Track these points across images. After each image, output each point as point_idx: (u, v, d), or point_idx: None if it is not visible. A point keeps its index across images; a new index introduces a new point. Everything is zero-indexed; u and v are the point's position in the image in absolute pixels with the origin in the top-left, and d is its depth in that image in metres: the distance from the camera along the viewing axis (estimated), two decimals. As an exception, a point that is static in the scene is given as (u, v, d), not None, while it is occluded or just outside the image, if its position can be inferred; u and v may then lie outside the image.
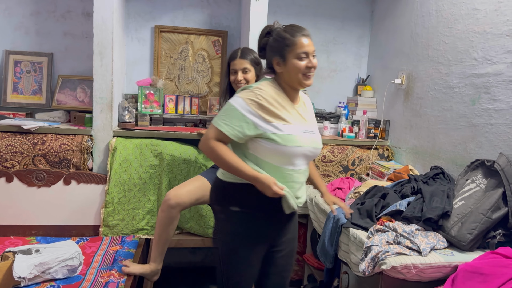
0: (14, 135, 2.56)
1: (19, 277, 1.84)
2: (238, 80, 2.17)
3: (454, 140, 2.36)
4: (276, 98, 1.60)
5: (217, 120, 1.58)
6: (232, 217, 1.66)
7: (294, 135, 1.59)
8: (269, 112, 1.57)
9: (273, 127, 1.57)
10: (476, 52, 2.22)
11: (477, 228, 1.72)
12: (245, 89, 1.61)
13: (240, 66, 2.17)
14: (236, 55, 2.19)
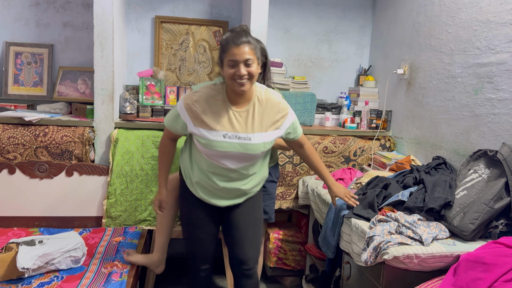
0: (15, 127, 2.56)
1: (23, 268, 1.85)
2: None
3: (457, 130, 2.36)
4: (209, 103, 1.76)
5: (166, 117, 1.87)
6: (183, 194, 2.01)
7: (216, 140, 1.77)
8: (197, 117, 1.77)
9: (197, 131, 1.78)
10: (479, 41, 2.21)
11: (479, 218, 1.73)
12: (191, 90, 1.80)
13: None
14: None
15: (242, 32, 1.71)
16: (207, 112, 1.76)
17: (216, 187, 1.86)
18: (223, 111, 1.77)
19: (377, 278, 1.73)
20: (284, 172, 2.86)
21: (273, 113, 1.83)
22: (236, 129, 1.78)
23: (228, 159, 1.80)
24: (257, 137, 1.80)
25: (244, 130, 1.78)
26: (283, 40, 3.35)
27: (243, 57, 1.67)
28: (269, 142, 1.84)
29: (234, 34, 1.70)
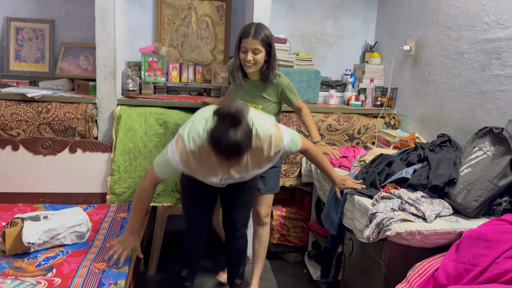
0: (18, 103, 2.55)
1: (29, 242, 1.87)
2: (248, 60, 2.16)
3: (462, 108, 2.33)
4: (204, 161, 1.76)
5: (155, 163, 1.84)
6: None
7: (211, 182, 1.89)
8: (193, 170, 1.81)
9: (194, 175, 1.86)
10: (488, 16, 2.15)
11: (483, 195, 1.72)
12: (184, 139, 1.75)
13: (251, 46, 2.14)
14: (248, 34, 2.13)
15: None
16: (203, 167, 1.80)
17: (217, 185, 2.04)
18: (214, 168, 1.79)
19: (379, 254, 1.74)
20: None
21: (268, 155, 1.82)
22: (232, 174, 1.86)
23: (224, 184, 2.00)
24: (253, 173, 1.91)
25: (239, 173, 1.87)
26: (287, 16, 3.29)
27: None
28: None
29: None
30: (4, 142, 2.54)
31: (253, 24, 2.18)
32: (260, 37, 2.13)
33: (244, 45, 2.14)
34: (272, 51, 2.20)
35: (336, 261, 2.26)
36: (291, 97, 2.36)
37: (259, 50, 2.14)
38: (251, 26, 2.16)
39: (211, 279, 2.65)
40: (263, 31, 2.15)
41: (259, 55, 2.16)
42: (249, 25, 2.19)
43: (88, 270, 1.82)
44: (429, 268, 1.56)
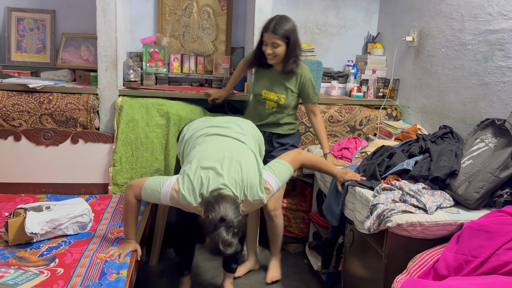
0: (20, 94, 2.55)
1: (31, 232, 1.89)
2: (267, 53, 2.28)
3: (465, 99, 2.32)
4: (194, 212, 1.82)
5: (147, 185, 1.84)
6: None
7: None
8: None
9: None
10: (491, 7, 2.14)
11: (484, 187, 1.72)
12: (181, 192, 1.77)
13: (270, 40, 2.25)
14: (268, 28, 2.24)
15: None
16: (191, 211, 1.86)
17: None
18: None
19: (379, 246, 1.74)
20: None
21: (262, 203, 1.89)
22: None
23: None
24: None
25: None
26: (289, 6, 3.26)
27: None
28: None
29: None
30: (6, 132, 2.54)
31: (275, 18, 2.26)
32: (279, 32, 2.21)
33: (265, 38, 2.27)
34: (290, 44, 2.26)
35: (337, 252, 2.27)
36: (310, 91, 2.41)
37: (277, 44, 2.24)
38: (272, 21, 2.25)
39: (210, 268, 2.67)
40: (283, 26, 2.22)
41: (278, 48, 2.26)
42: (271, 18, 2.27)
43: (91, 260, 1.84)
44: (430, 259, 1.56)
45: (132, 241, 1.97)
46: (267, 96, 2.42)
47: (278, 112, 2.43)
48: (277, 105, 2.41)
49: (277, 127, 2.47)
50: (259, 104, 2.47)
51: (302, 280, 2.63)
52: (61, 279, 1.68)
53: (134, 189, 1.88)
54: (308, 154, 2.11)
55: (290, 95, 2.40)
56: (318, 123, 2.49)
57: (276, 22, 2.23)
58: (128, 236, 1.98)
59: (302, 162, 2.06)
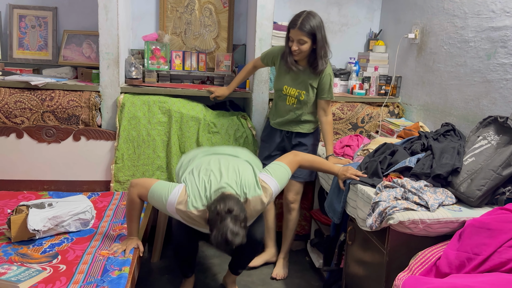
0: (22, 91, 2.56)
1: (34, 229, 1.89)
2: (294, 49, 2.26)
3: (467, 96, 2.31)
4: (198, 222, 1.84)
5: (154, 189, 1.85)
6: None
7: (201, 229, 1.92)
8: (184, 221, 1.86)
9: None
10: (494, 3, 2.13)
11: (486, 184, 1.72)
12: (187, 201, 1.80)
13: (296, 37, 2.23)
14: (295, 25, 2.21)
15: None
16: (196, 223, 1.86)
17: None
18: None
19: (381, 243, 1.74)
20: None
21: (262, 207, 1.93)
22: None
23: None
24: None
25: None
26: (291, 3, 3.25)
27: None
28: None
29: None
30: (9, 130, 2.55)
31: (301, 14, 2.22)
32: (305, 29, 2.19)
33: (291, 35, 2.24)
34: (318, 41, 2.24)
35: (338, 249, 2.27)
36: (326, 88, 2.38)
37: (304, 40, 2.22)
38: (299, 17, 2.21)
39: (212, 265, 2.68)
40: (309, 22, 2.20)
41: (305, 45, 2.23)
42: (298, 14, 2.23)
43: (93, 257, 1.84)
44: (432, 256, 1.56)
45: (134, 237, 1.98)
46: (288, 92, 2.42)
47: (298, 108, 2.43)
48: (297, 101, 2.41)
49: (297, 125, 2.48)
50: (280, 100, 2.48)
51: (303, 278, 2.63)
52: (63, 276, 1.68)
53: (139, 189, 1.90)
54: (305, 155, 2.14)
55: (311, 91, 2.39)
56: (327, 123, 2.45)
57: (303, 18, 2.20)
58: (132, 233, 1.99)
59: (299, 163, 2.08)
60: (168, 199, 1.81)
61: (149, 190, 1.86)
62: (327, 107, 2.44)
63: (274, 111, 2.55)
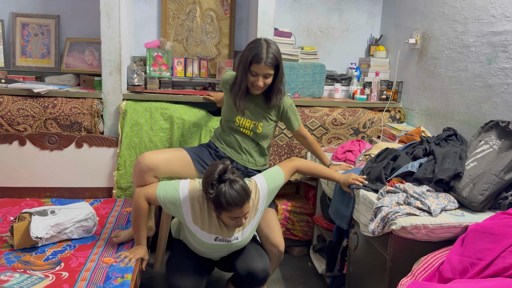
0: (25, 99, 2.57)
1: (37, 237, 1.89)
2: (259, 85, 2.02)
3: (468, 101, 2.31)
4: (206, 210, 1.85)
5: (162, 183, 1.87)
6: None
7: (206, 242, 1.89)
8: (195, 214, 1.84)
9: (192, 227, 1.87)
10: (494, 8, 2.13)
11: (488, 189, 1.71)
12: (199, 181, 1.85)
13: (263, 71, 1.99)
14: (261, 59, 1.96)
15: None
16: (203, 215, 1.86)
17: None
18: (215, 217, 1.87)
19: (384, 248, 1.74)
20: (292, 144, 2.85)
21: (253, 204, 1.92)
22: (226, 234, 1.90)
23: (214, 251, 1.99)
24: (246, 232, 1.95)
25: (233, 233, 1.91)
26: (292, 9, 3.27)
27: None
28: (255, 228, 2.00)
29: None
30: (11, 137, 2.56)
31: (263, 45, 1.97)
32: (273, 61, 1.98)
33: (255, 69, 1.98)
34: (279, 73, 2.05)
35: (341, 255, 2.27)
36: (292, 119, 2.22)
37: (270, 74, 2.01)
38: (262, 49, 1.96)
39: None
40: (275, 52, 1.98)
41: (269, 78, 2.03)
42: (259, 47, 1.97)
43: (96, 264, 1.84)
44: (434, 261, 1.56)
45: (143, 247, 1.99)
46: (241, 123, 2.15)
47: (256, 142, 2.20)
48: (253, 133, 2.17)
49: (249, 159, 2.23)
50: (234, 132, 2.19)
51: (306, 283, 2.62)
52: (66, 283, 1.68)
53: (146, 190, 1.90)
54: (304, 160, 2.12)
55: (269, 123, 2.18)
56: (310, 144, 2.35)
57: (268, 50, 1.96)
58: (140, 241, 1.99)
59: (296, 167, 2.07)
60: (180, 185, 1.84)
61: (157, 187, 1.87)
62: (301, 131, 2.31)
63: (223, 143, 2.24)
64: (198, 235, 1.89)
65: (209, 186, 1.71)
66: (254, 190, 1.91)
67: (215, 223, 1.87)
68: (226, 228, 1.89)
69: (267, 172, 2.03)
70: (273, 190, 2.00)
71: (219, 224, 1.88)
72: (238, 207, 1.72)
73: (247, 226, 1.94)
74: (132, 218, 1.97)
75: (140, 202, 1.90)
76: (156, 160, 1.98)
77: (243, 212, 1.76)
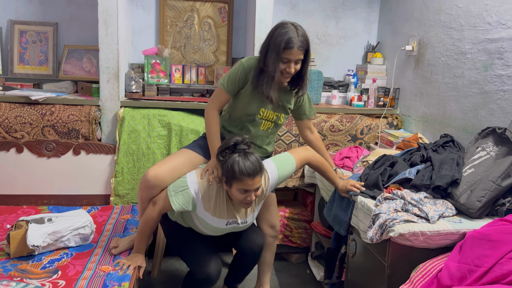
0: (22, 106, 2.57)
1: (33, 245, 1.88)
2: (291, 72, 1.88)
3: (465, 108, 2.33)
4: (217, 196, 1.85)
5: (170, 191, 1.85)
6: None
7: (215, 226, 1.91)
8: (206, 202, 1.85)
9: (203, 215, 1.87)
10: (490, 16, 2.15)
11: (486, 195, 1.72)
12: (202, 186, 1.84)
13: (296, 57, 1.85)
14: (293, 45, 1.81)
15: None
16: (216, 203, 1.86)
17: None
18: (226, 203, 1.88)
19: (382, 255, 1.74)
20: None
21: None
22: (237, 217, 1.92)
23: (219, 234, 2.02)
24: (254, 215, 1.99)
25: (243, 217, 1.94)
26: (289, 16, 3.29)
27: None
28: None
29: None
30: (9, 144, 2.55)
31: (291, 29, 1.82)
32: (304, 45, 1.84)
33: (287, 56, 1.83)
34: (308, 55, 1.91)
35: (339, 262, 2.26)
36: (307, 107, 2.17)
37: (300, 59, 1.88)
38: (294, 33, 1.81)
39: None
40: (304, 35, 1.84)
41: (299, 64, 1.89)
42: (289, 31, 1.81)
43: (93, 272, 1.83)
44: (433, 268, 1.56)
45: (142, 255, 1.99)
46: (265, 115, 2.03)
47: (272, 133, 2.14)
48: (274, 125, 2.09)
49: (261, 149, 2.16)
50: (252, 125, 2.05)
51: (304, 291, 2.62)
52: (63, 292, 1.67)
53: (160, 202, 1.89)
54: (316, 153, 2.09)
55: (288, 113, 2.11)
56: (317, 140, 2.25)
57: (298, 33, 1.82)
58: (139, 249, 1.99)
59: (308, 159, 2.04)
60: (188, 182, 1.84)
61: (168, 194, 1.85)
62: (311, 124, 2.24)
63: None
64: (208, 221, 1.88)
65: (223, 152, 1.74)
66: (264, 176, 1.88)
67: (227, 207, 1.87)
68: (238, 211, 1.90)
69: (278, 158, 1.96)
70: (282, 178, 1.98)
71: (231, 208, 1.88)
72: (250, 177, 1.71)
73: (255, 210, 1.96)
74: (140, 227, 1.95)
75: (153, 214, 1.91)
76: (161, 175, 1.90)
77: (254, 185, 1.75)
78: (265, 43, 1.89)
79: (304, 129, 2.25)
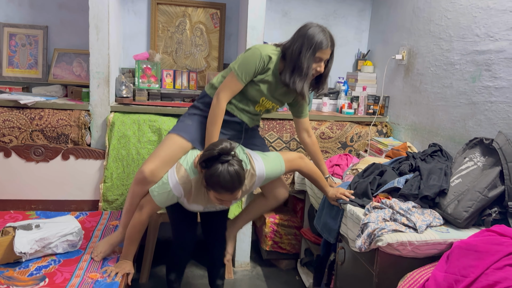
0: (11, 110, 2.54)
1: (20, 252, 1.86)
2: (320, 71, 2.01)
3: (453, 118, 2.36)
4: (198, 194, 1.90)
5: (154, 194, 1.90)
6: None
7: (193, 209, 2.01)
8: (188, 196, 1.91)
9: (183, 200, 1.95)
10: (478, 28, 2.19)
11: (473, 206, 1.74)
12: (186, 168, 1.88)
13: (327, 55, 1.99)
14: (326, 45, 1.93)
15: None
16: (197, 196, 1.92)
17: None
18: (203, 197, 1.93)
19: (370, 264, 1.75)
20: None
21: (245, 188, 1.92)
22: (215, 206, 2.01)
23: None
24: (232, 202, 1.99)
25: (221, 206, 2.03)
26: (281, 24, 3.31)
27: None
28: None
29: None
30: (-4, 148, 2.53)
31: (322, 30, 1.94)
32: (333, 44, 1.98)
33: (321, 55, 1.95)
34: (333, 57, 2.04)
35: (328, 269, 2.27)
36: (305, 106, 2.23)
37: (327, 58, 2.02)
38: (324, 35, 1.93)
39: (200, 285, 2.65)
40: (331, 35, 1.98)
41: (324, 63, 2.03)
42: (319, 32, 1.93)
43: (81, 280, 1.82)
44: (420, 278, 1.57)
45: (129, 262, 1.98)
46: (263, 103, 2.11)
47: (261, 114, 2.21)
48: (265, 110, 2.18)
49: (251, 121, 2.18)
50: (249, 103, 2.10)
51: (293, 298, 2.62)
52: (50, 300, 1.66)
53: (147, 206, 1.93)
54: (309, 162, 2.11)
55: (282, 105, 2.20)
56: (313, 145, 2.27)
57: (328, 34, 1.95)
58: (128, 256, 1.99)
59: (300, 167, 2.07)
60: (170, 183, 1.86)
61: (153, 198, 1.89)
62: (309, 125, 2.27)
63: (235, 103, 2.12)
64: (187, 206, 1.99)
65: (205, 159, 1.73)
66: (250, 176, 1.91)
67: (206, 199, 1.92)
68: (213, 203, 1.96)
69: (269, 160, 1.97)
70: (268, 180, 2.01)
71: (210, 201, 1.92)
72: (228, 193, 1.73)
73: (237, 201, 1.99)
74: (128, 232, 1.96)
75: (142, 218, 1.93)
76: (156, 171, 1.93)
77: (232, 198, 1.77)
78: (297, 43, 1.96)
79: (301, 130, 2.28)
